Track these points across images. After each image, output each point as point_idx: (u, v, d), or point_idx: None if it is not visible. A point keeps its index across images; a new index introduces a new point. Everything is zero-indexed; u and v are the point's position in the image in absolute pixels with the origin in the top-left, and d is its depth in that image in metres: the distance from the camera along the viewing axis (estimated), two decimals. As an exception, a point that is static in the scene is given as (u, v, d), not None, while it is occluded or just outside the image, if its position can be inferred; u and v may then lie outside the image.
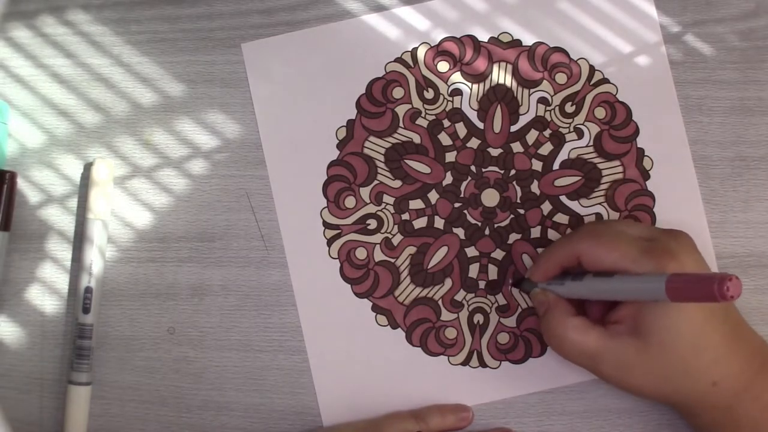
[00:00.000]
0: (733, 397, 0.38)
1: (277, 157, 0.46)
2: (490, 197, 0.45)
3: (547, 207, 0.45)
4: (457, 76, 0.46)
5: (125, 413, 0.45)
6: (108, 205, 0.45)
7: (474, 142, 0.45)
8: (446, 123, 0.46)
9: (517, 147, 0.45)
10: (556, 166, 0.45)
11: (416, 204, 0.45)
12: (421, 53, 0.46)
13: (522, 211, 0.45)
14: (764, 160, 0.45)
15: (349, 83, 0.46)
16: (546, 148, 0.45)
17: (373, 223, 0.45)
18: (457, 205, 0.45)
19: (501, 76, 0.46)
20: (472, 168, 0.45)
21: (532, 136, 0.45)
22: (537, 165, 0.45)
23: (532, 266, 0.42)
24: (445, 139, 0.46)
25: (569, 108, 0.45)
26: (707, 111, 0.45)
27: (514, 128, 0.45)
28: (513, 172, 0.45)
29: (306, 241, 0.45)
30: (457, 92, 0.46)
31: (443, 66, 0.46)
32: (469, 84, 0.46)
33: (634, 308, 0.38)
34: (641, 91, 0.45)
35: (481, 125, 0.46)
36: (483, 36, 0.46)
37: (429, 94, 0.46)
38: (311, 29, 0.46)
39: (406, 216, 0.45)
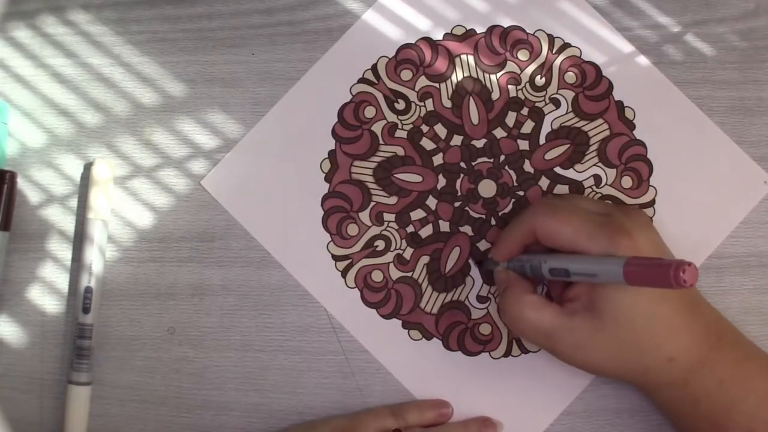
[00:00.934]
0: (689, 372, 0.37)
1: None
2: (487, 188, 0.45)
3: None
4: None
5: (125, 413, 0.45)
6: (108, 205, 0.45)
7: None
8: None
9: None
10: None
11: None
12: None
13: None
14: (764, 160, 0.45)
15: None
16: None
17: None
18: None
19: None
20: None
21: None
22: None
23: (494, 245, 0.42)
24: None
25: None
26: (707, 111, 0.45)
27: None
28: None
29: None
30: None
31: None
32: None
33: (589, 285, 0.37)
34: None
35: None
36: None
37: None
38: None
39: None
